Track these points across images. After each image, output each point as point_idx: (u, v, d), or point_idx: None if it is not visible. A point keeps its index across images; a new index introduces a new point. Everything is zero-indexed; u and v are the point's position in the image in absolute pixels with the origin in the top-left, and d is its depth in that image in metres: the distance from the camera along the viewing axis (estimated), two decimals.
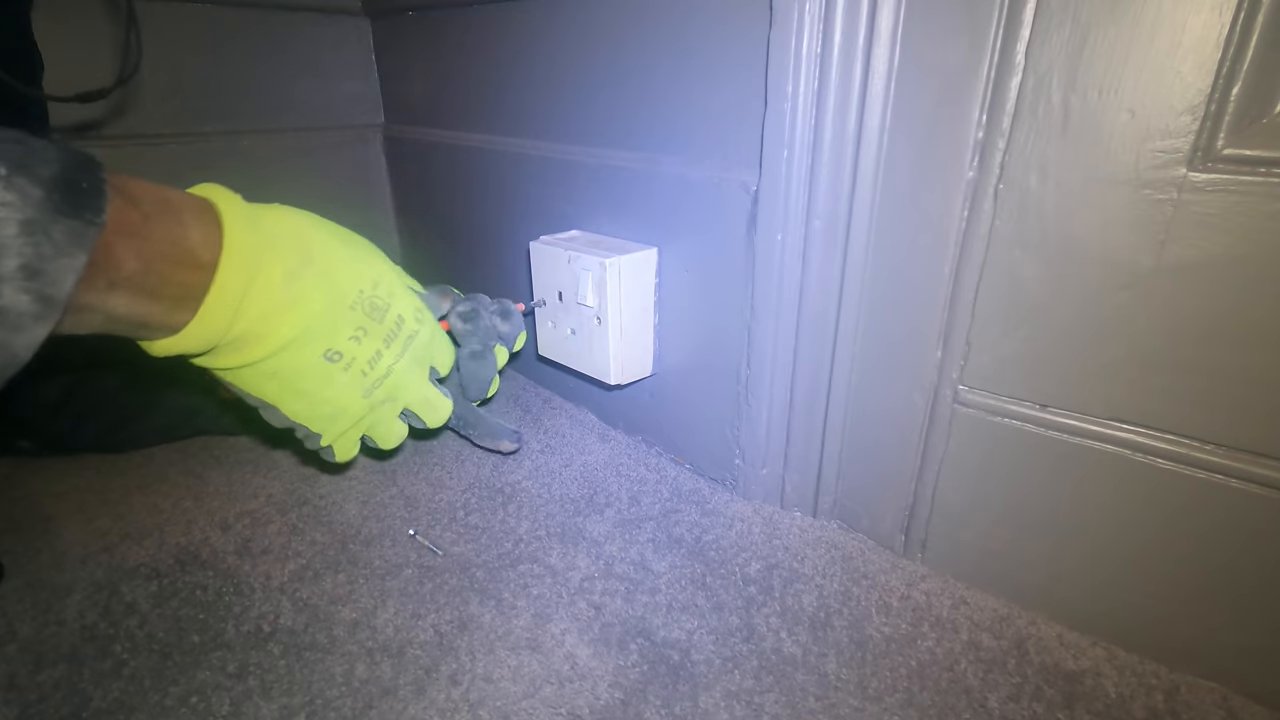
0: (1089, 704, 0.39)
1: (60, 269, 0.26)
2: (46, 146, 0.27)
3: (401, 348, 0.42)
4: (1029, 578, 0.45)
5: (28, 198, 0.25)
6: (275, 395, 0.39)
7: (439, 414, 0.45)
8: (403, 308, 0.42)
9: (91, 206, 0.27)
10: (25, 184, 0.26)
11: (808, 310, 0.49)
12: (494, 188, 0.73)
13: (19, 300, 0.26)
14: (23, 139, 0.26)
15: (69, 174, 0.27)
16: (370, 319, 0.39)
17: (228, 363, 0.36)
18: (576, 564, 0.50)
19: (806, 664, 0.41)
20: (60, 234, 0.26)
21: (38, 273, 0.26)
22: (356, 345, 0.39)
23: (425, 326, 0.43)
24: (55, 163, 0.27)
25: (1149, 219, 0.35)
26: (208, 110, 0.76)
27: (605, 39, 0.57)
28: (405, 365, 0.42)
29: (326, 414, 0.40)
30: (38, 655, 0.42)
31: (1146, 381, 0.38)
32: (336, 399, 0.40)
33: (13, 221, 0.25)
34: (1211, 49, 0.32)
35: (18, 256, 0.25)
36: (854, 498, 0.52)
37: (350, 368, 0.39)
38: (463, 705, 0.39)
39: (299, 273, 0.36)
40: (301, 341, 0.37)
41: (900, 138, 0.42)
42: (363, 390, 0.40)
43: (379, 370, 0.41)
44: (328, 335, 0.38)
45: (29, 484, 0.59)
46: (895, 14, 0.40)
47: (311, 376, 0.38)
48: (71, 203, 0.27)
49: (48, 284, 0.26)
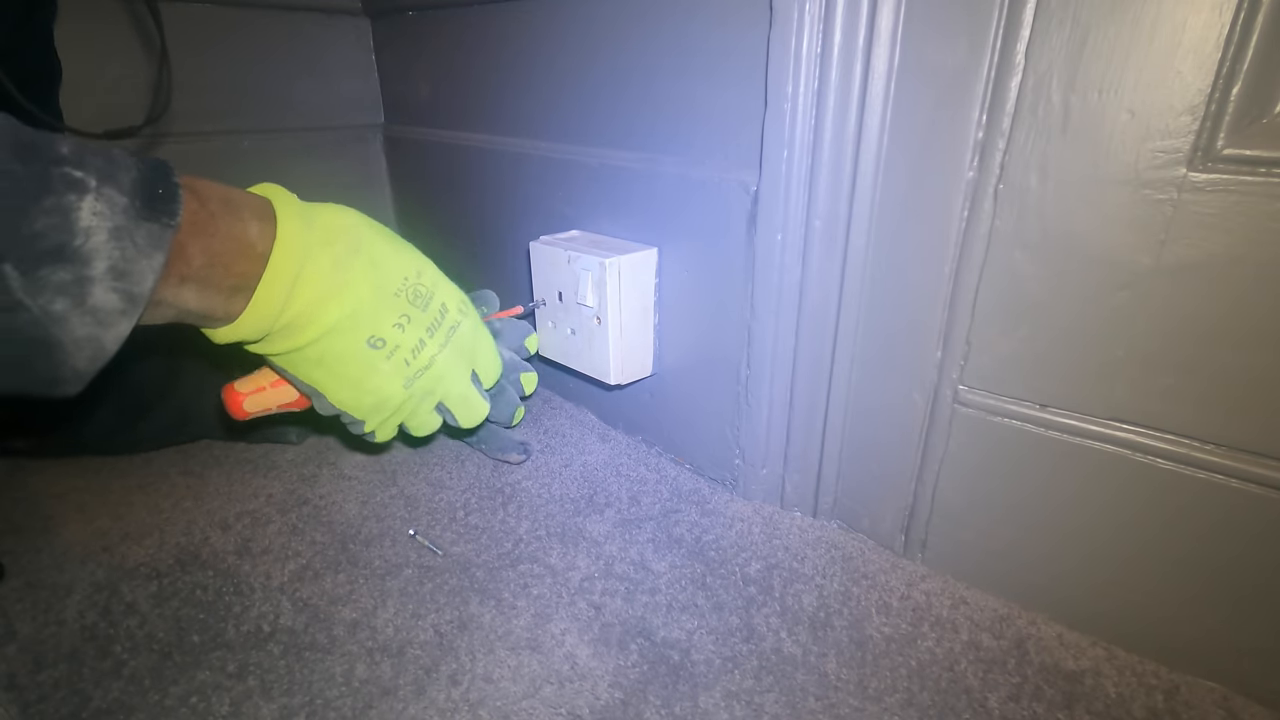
0: (1089, 704, 0.39)
1: (143, 269, 0.29)
2: (124, 155, 0.30)
3: (445, 338, 0.43)
4: (1029, 578, 0.45)
5: (115, 206, 0.28)
6: (322, 382, 0.41)
7: (475, 415, 0.47)
8: (446, 296, 0.43)
9: (168, 210, 0.30)
10: (113, 193, 0.28)
11: (808, 310, 0.49)
12: (494, 188, 0.72)
13: (109, 299, 0.29)
14: (104, 150, 0.29)
15: (147, 180, 0.30)
16: (414, 306, 0.41)
17: (279, 348, 0.38)
18: (576, 564, 0.50)
19: (806, 664, 0.41)
20: (142, 237, 0.29)
21: (124, 273, 0.29)
22: (400, 333, 0.40)
23: (468, 319, 0.45)
24: (134, 170, 0.29)
25: (1149, 219, 0.35)
26: (208, 110, 0.76)
27: (605, 39, 0.57)
28: (447, 358, 0.43)
29: (370, 404, 0.42)
30: (38, 655, 0.42)
31: (1146, 381, 0.38)
32: (380, 389, 0.41)
33: (103, 229, 0.28)
34: (1211, 49, 0.32)
35: (107, 259, 0.28)
36: (854, 497, 0.52)
37: (393, 356, 0.41)
38: (463, 705, 0.39)
39: (346, 261, 0.38)
40: (346, 326, 0.38)
41: (900, 138, 0.42)
42: (405, 380, 0.42)
43: (421, 360, 0.42)
44: (372, 321, 0.39)
45: (29, 484, 0.59)
46: (895, 14, 0.40)
47: (355, 363, 0.40)
48: (151, 207, 0.29)
49: (133, 283, 0.29)
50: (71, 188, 0.27)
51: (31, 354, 0.28)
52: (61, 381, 0.30)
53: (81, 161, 0.28)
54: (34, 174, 0.26)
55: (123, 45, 0.68)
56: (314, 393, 0.42)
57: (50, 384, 0.30)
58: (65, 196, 0.27)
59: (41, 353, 0.28)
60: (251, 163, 0.80)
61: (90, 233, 0.27)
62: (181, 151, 0.75)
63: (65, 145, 0.28)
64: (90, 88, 0.67)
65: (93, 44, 0.67)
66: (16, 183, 0.26)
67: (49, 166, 0.27)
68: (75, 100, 0.57)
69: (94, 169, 0.28)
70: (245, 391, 0.44)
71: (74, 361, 0.29)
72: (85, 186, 0.27)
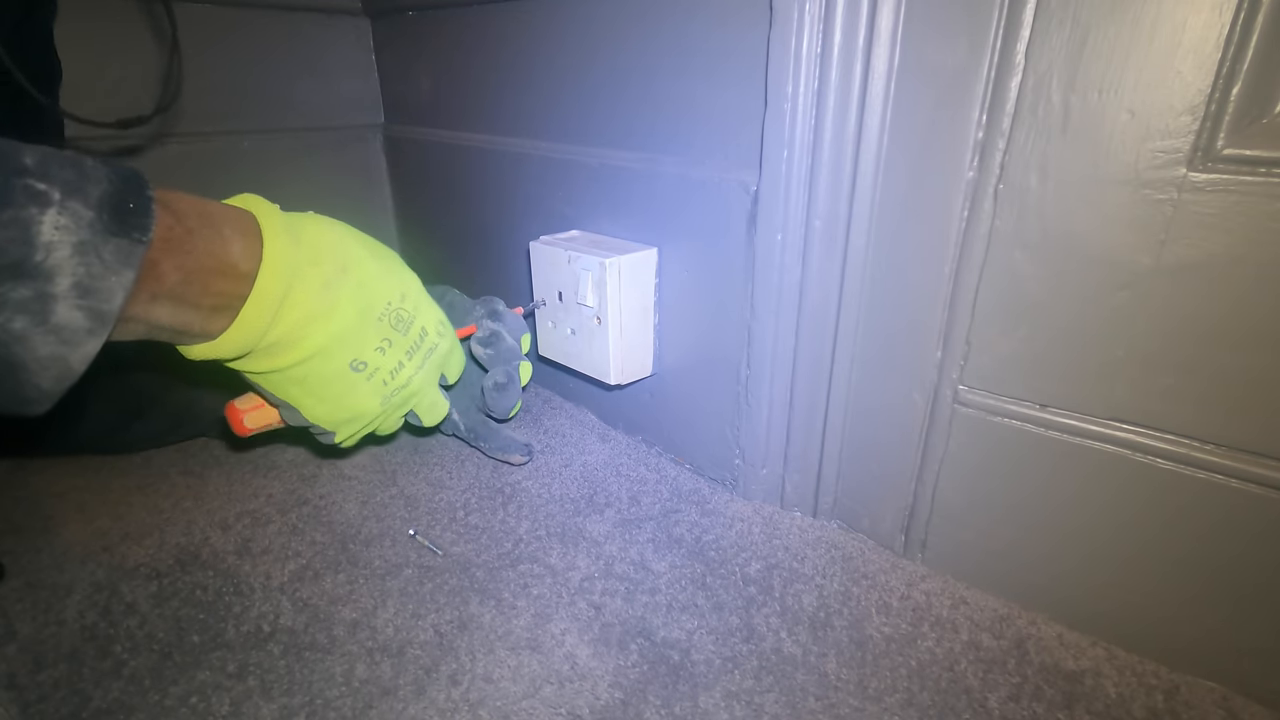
0: (1089, 704, 0.39)
1: (110, 286, 0.28)
2: (96, 166, 0.28)
3: (422, 360, 0.43)
4: (1029, 578, 0.45)
5: (80, 220, 0.27)
6: (298, 399, 0.40)
7: (438, 414, 0.48)
8: (426, 320, 0.43)
9: (139, 225, 0.29)
10: (78, 207, 0.27)
11: (808, 310, 0.49)
12: (494, 188, 0.72)
13: (73, 317, 0.27)
14: (75, 160, 0.28)
15: (118, 194, 0.28)
16: (395, 331, 0.41)
17: (260, 367, 0.37)
18: (576, 564, 0.50)
19: (806, 664, 0.41)
20: (110, 253, 0.28)
21: (90, 291, 0.27)
22: (381, 356, 0.40)
23: (445, 340, 0.45)
24: (104, 182, 0.28)
25: (1149, 219, 0.35)
26: (208, 110, 0.76)
27: (605, 39, 0.57)
28: (424, 377, 0.44)
29: (344, 419, 0.42)
30: (38, 655, 0.42)
31: (1146, 381, 0.38)
32: (356, 406, 0.41)
33: (67, 244, 0.27)
34: (1211, 49, 0.32)
35: (71, 276, 0.27)
36: (854, 498, 0.52)
37: (373, 377, 0.41)
38: (463, 705, 0.39)
39: (334, 282, 0.37)
40: (331, 350, 0.38)
41: (900, 138, 0.42)
42: (381, 399, 0.42)
43: (399, 380, 0.42)
44: (356, 345, 0.39)
45: (29, 484, 0.59)
46: (895, 14, 0.40)
47: (336, 384, 0.40)
48: (120, 222, 0.28)
49: (99, 301, 0.28)
50: (33, 200, 0.26)
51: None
52: (27, 401, 0.29)
53: (46, 174, 0.26)
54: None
55: (123, 45, 0.68)
56: (287, 407, 0.41)
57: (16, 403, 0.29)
58: (26, 210, 0.26)
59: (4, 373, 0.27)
60: (251, 163, 0.80)
61: (52, 248, 0.26)
62: (182, 152, 0.75)
63: (30, 156, 0.26)
64: (90, 88, 0.67)
65: (92, 43, 0.67)
66: None
67: (9, 177, 0.26)
68: (76, 101, 0.57)
69: (59, 181, 0.27)
70: (245, 409, 0.44)
71: (38, 381, 0.28)
72: (48, 199, 0.26)
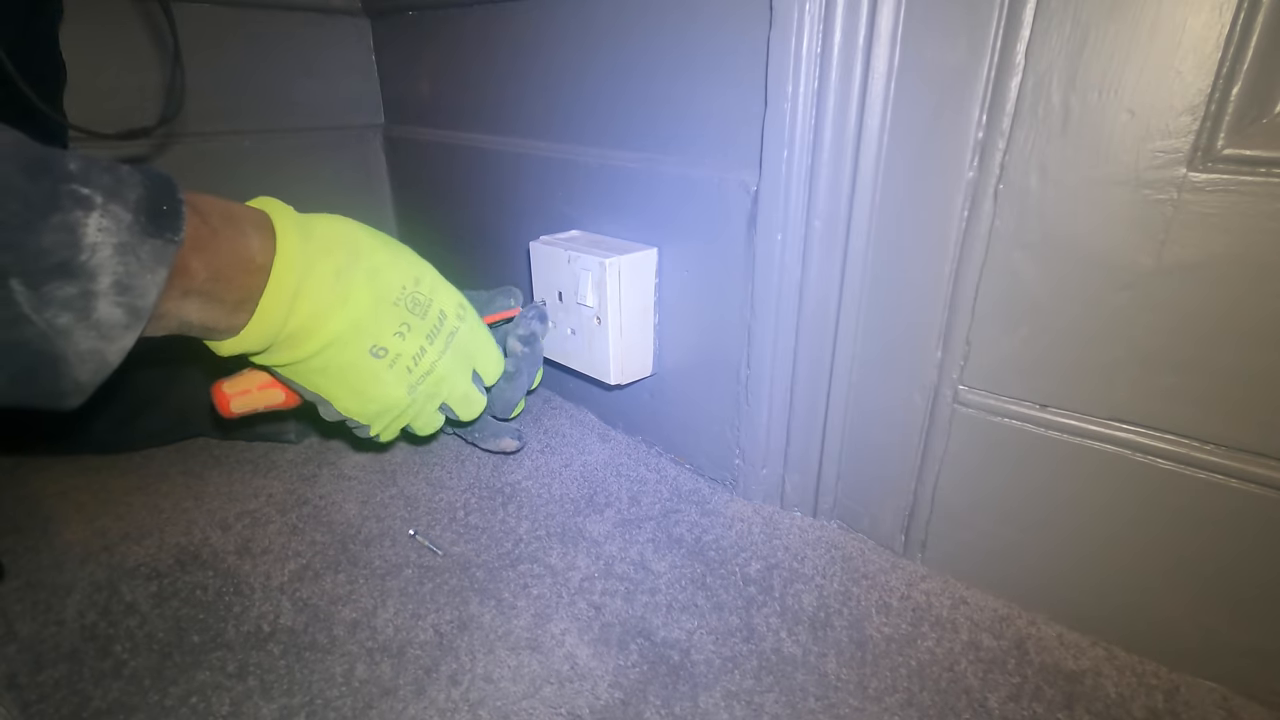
0: (1089, 704, 0.39)
1: (146, 284, 0.30)
2: (131, 172, 0.30)
3: (444, 344, 0.44)
4: (1029, 578, 0.45)
5: (120, 222, 0.29)
6: (328, 390, 0.42)
7: (474, 409, 0.48)
8: (444, 303, 0.44)
9: (171, 226, 0.31)
10: (119, 210, 0.29)
11: (808, 310, 0.49)
12: (494, 188, 0.72)
13: (113, 313, 0.29)
14: (111, 166, 0.30)
15: (152, 197, 0.30)
16: (413, 314, 0.42)
17: (283, 359, 0.39)
18: (576, 564, 0.50)
19: (806, 664, 0.41)
20: (146, 253, 0.30)
21: (128, 288, 0.29)
22: (400, 341, 0.41)
23: (466, 323, 0.45)
24: (140, 186, 0.30)
25: (1149, 219, 0.35)
26: (208, 110, 0.76)
27: (605, 39, 0.57)
28: (448, 363, 0.44)
29: (375, 410, 0.43)
30: (38, 655, 0.42)
31: (1147, 381, 0.38)
32: (383, 396, 0.42)
33: (108, 245, 0.29)
34: (1211, 49, 0.32)
35: (111, 274, 0.29)
36: (854, 498, 0.52)
37: (395, 364, 0.42)
38: (463, 705, 0.39)
39: (347, 271, 0.38)
40: (349, 337, 0.39)
41: (900, 138, 0.42)
42: (408, 387, 0.43)
43: (423, 366, 0.43)
44: (373, 331, 0.40)
45: (29, 484, 0.59)
46: (895, 14, 0.40)
47: (359, 372, 0.41)
48: (155, 224, 0.30)
49: (136, 297, 0.30)
50: (79, 204, 0.28)
51: (36, 367, 0.29)
52: (64, 394, 0.30)
53: (89, 179, 0.28)
54: (43, 191, 0.27)
55: (127, 48, 0.68)
56: (320, 400, 0.43)
57: (53, 397, 0.30)
58: (72, 213, 0.27)
59: (46, 366, 0.29)
60: (252, 163, 0.80)
61: (96, 248, 0.28)
62: (182, 151, 0.75)
63: (74, 162, 0.28)
64: (93, 91, 0.67)
65: (96, 46, 0.67)
66: (25, 199, 0.26)
67: (58, 183, 0.27)
68: (78, 103, 0.57)
69: (101, 186, 0.28)
70: (232, 393, 0.44)
71: (77, 374, 0.30)
72: (92, 203, 0.28)
